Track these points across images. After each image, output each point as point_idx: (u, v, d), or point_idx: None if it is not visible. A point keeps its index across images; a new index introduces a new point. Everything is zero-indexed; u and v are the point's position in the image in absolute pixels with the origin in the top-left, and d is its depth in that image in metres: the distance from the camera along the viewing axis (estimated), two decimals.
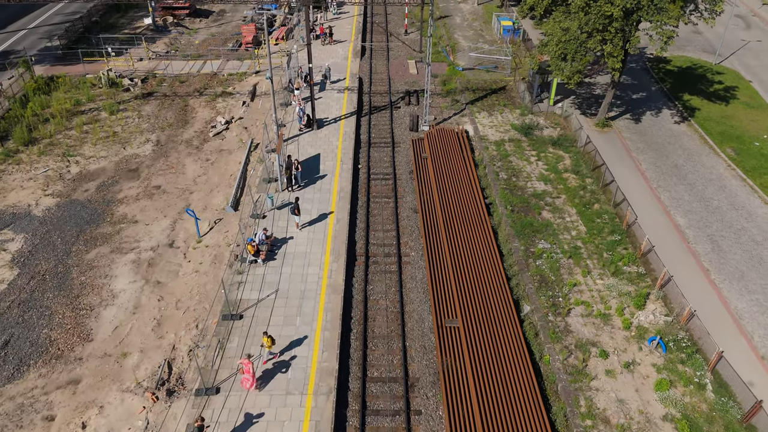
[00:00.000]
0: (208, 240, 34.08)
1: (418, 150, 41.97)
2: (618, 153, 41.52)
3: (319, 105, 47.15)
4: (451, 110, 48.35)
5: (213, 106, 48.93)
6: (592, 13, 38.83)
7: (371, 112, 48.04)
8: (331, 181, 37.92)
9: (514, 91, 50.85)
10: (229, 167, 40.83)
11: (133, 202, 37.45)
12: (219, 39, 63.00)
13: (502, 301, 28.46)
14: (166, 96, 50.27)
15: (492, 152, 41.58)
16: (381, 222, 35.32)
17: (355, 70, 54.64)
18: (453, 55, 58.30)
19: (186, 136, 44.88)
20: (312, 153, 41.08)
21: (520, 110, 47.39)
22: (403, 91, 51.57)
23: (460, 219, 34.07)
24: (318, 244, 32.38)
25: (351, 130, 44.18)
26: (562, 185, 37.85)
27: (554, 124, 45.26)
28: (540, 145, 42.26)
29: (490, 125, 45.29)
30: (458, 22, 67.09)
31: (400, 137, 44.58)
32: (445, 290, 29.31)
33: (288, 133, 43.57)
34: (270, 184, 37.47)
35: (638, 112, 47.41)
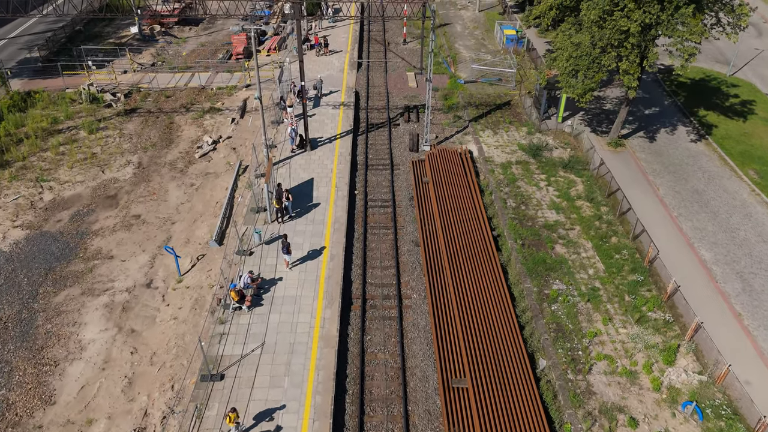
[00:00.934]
0: (190, 279, 30.67)
1: (418, 173, 38.61)
2: (633, 176, 38.20)
3: (313, 123, 43.76)
4: (453, 128, 44.99)
5: (200, 124, 45.49)
6: (607, 27, 35.46)
7: (368, 130, 44.67)
8: (325, 210, 34.53)
9: (520, 106, 47.50)
10: (215, 193, 37.40)
11: (110, 234, 34.01)
12: (209, 49, 59.57)
13: (516, 356, 25.12)
14: (151, 113, 46.80)
15: (498, 176, 38.22)
16: (379, 257, 31.95)
17: (352, 83, 51.25)
18: (454, 66, 54.93)
19: (170, 157, 41.44)
20: (305, 177, 37.67)
21: (527, 128, 44.04)
22: (402, 106, 48.20)
23: (466, 255, 30.74)
24: (310, 285, 29.00)
25: (347, 150, 40.80)
26: (575, 214, 34.51)
27: (564, 144, 41.92)
28: (550, 168, 38.90)
29: (496, 145, 41.92)
30: (459, 31, 63.73)
31: (400, 158, 41.21)
32: (452, 342, 25.97)
33: (279, 154, 40.16)
34: (258, 215, 34.06)
35: (652, 129, 44.11)
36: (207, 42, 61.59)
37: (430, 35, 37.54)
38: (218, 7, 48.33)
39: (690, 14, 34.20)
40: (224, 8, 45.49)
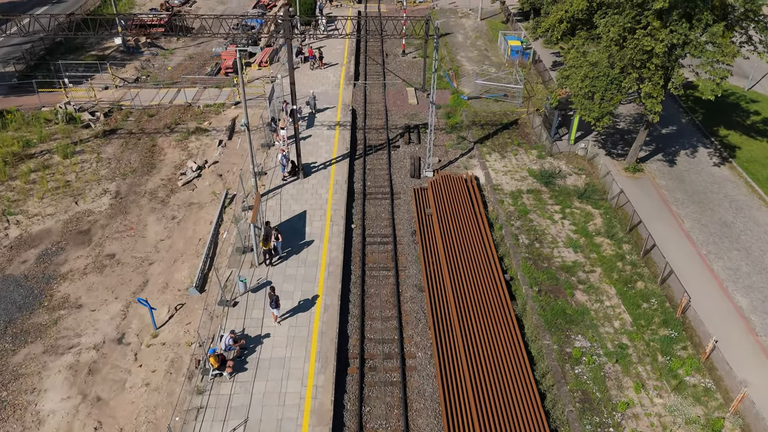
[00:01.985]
0: (166, 334, 26.97)
1: (421, 203, 34.97)
2: (655, 206, 34.61)
3: (306, 145, 40.08)
4: (457, 150, 41.35)
5: (185, 146, 41.76)
6: (628, 47, 31.81)
7: (366, 153, 41.00)
8: (318, 249, 30.85)
9: (528, 126, 43.86)
10: (198, 228, 33.68)
11: (80, 278, 30.28)
12: (197, 61, 55.83)
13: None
14: (132, 134, 43.05)
15: (508, 207, 34.59)
16: (379, 306, 28.30)
17: (348, 99, 47.57)
18: (456, 80, 51.26)
19: (151, 185, 37.70)
20: (297, 210, 33.98)
21: (537, 151, 40.41)
22: (402, 125, 44.55)
23: (476, 303, 27.16)
24: (301, 344, 25.33)
25: (343, 177, 37.12)
26: (595, 253, 30.89)
27: (578, 169, 38.29)
28: (564, 198, 35.28)
29: (504, 170, 38.27)
30: (460, 41, 60.05)
31: (400, 186, 37.55)
32: (463, 415, 22.34)
33: (269, 183, 36.44)
34: (244, 256, 30.36)
35: (671, 151, 40.53)
36: (196, 54, 57.87)
37: (434, 54, 33.86)
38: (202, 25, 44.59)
39: (720, 33, 30.59)
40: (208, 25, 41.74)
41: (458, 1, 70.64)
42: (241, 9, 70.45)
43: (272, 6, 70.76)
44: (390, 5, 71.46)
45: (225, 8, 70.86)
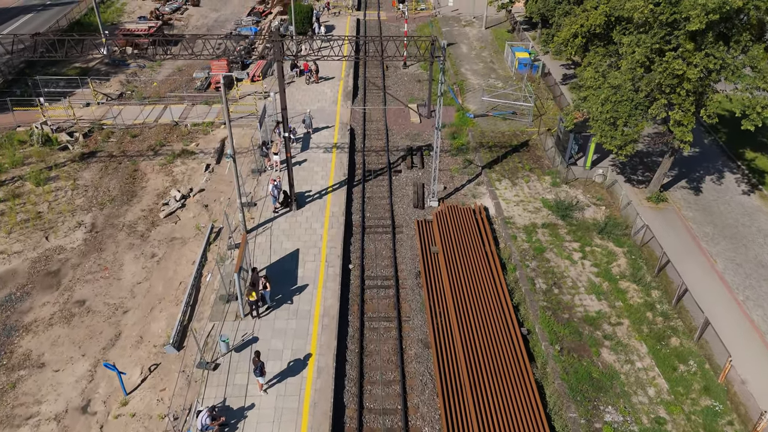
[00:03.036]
0: (137, 402, 23.43)
1: (425, 238, 31.45)
2: (683, 243, 31.09)
3: (300, 171, 36.59)
4: (463, 175, 37.80)
5: (169, 171, 38.17)
6: (657, 70, 28.26)
7: (365, 178, 37.46)
8: (312, 296, 27.31)
9: (540, 148, 40.31)
10: (180, 269, 30.12)
11: (44, 329, 26.75)
12: (187, 74, 52.22)
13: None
14: (112, 157, 39.48)
15: (522, 244, 31.05)
16: (380, 366, 24.79)
17: (346, 117, 44.02)
18: (461, 96, 47.68)
19: (130, 216, 34.13)
20: (288, 248, 30.43)
21: (551, 177, 36.86)
22: (404, 147, 41.01)
23: (490, 364, 23.79)
24: (290, 418, 21.82)
25: (340, 208, 33.57)
26: (621, 301, 27.37)
27: (596, 199, 34.75)
28: (583, 233, 31.76)
29: (516, 200, 34.72)
30: (465, 52, 56.44)
31: (403, 217, 34.00)
32: None
33: (259, 216, 32.88)
34: (228, 305, 26.80)
35: (695, 177, 37.02)
36: (185, 65, 54.23)
37: (440, 76, 30.30)
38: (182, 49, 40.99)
39: (760, 56, 27.05)
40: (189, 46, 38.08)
41: (461, 8, 67.07)
42: (235, 17, 66.96)
43: (267, 13, 67.18)
44: (390, 12, 67.92)
45: (218, 15, 67.34)
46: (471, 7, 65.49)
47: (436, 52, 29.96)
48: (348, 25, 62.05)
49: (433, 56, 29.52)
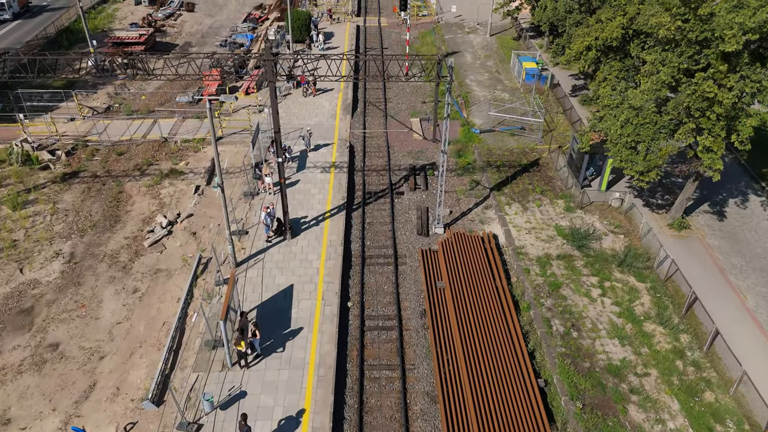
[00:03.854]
0: None
1: (431, 271, 28.79)
2: (710, 277, 28.41)
3: (296, 194, 33.93)
4: (470, 198, 35.10)
5: (156, 194, 35.47)
6: (684, 92, 25.53)
7: (365, 202, 34.78)
8: (306, 342, 24.62)
9: (551, 167, 37.60)
10: (164, 307, 27.44)
11: (12, 378, 24.10)
12: (179, 84, 49.42)
13: None
14: (96, 177, 36.78)
15: (536, 278, 28.35)
16: (382, 425, 22.21)
17: (345, 133, 41.31)
18: (466, 110, 44.95)
19: (112, 245, 31.44)
20: (282, 283, 27.73)
21: (564, 201, 34.15)
22: (406, 166, 38.30)
23: (505, 425, 21.03)
24: None
25: (338, 237, 30.88)
26: (647, 347, 24.70)
27: (614, 227, 32.05)
28: (602, 266, 29.08)
29: (527, 227, 32.01)
30: (469, 61, 53.69)
31: (406, 246, 31.30)
32: None
33: (251, 245, 30.16)
34: (215, 352, 24.10)
35: (718, 200, 34.34)
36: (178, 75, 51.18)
37: (446, 97, 27.57)
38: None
39: None
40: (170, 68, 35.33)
41: (465, 14, 64.32)
42: (230, 23, 64.23)
43: (264, 19, 64.45)
44: (391, 18, 65.17)
45: (213, 21, 64.62)
46: (475, 13, 62.75)
47: (441, 71, 27.21)
48: (347, 32, 59.34)
49: (440, 76, 26.74)
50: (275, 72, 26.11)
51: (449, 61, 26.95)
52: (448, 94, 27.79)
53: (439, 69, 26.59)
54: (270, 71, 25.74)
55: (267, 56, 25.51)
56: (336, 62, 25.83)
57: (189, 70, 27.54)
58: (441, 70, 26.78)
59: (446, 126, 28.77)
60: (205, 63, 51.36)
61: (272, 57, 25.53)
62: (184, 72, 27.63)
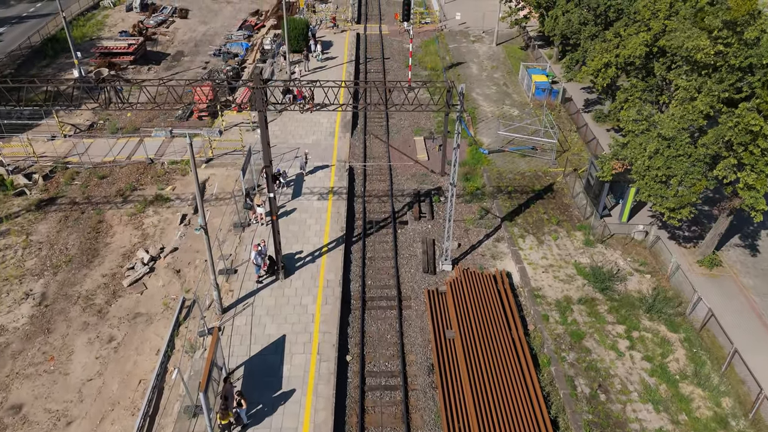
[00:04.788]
0: None
1: (439, 318, 25.73)
2: (748, 324, 25.38)
3: (291, 225, 30.86)
4: (480, 228, 31.98)
5: (139, 223, 32.34)
6: (726, 124, 22.38)
7: (366, 233, 31.71)
8: (299, 408, 21.51)
9: (567, 193, 34.47)
10: (141, 361, 24.32)
11: None
12: (169, 98, 45.98)
13: None
14: (75, 204, 33.64)
15: (556, 327, 25.25)
16: None
17: (344, 153, 38.17)
18: (473, 127, 41.78)
19: (89, 284, 28.34)
20: (273, 334, 24.61)
21: (583, 233, 31.02)
22: (410, 191, 35.18)
23: None
24: None
25: (336, 276, 27.77)
26: (685, 413, 21.61)
27: (639, 264, 28.94)
28: (628, 312, 26.01)
29: (543, 265, 28.88)
30: (475, 73, 50.51)
31: (410, 286, 28.19)
32: None
33: (239, 287, 27.04)
34: (195, 420, 20.93)
35: (749, 231, 31.33)
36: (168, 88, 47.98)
37: (456, 126, 24.41)
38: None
39: None
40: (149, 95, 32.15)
41: (469, 22, 61.10)
42: (225, 30, 61.02)
43: (260, 26, 61.23)
44: (393, 26, 61.96)
45: (207, 28, 61.43)
46: (480, 20, 59.55)
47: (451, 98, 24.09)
48: (347, 41, 56.13)
49: (449, 105, 23.59)
50: (266, 100, 22.93)
51: (460, 87, 23.75)
52: (458, 123, 24.62)
53: (449, 97, 23.40)
54: (260, 99, 22.56)
55: (256, 83, 22.34)
56: (333, 90, 22.55)
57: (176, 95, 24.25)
58: (451, 97, 23.54)
59: (455, 157, 25.61)
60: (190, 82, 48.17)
61: (262, 84, 22.33)
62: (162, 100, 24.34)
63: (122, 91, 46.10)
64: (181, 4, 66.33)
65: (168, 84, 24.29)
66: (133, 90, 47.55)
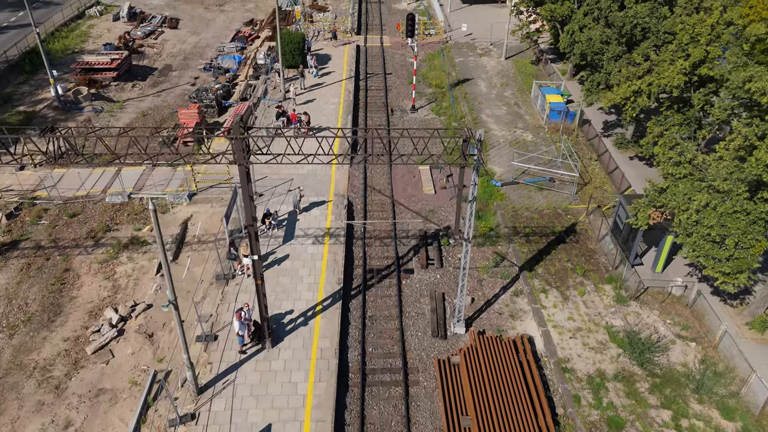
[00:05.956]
0: None
1: (452, 398, 21.72)
2: None
3: (280, 277, 26.79)
4: (495, 278, 27.88)
5: (110, 272, 28.24)
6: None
7: (366, 284, 27.57)
8: None
9: (591, 236, 30.38)
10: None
11: None
12: (152, 119, 42.15)
13: None
14: (40, 249, 29.51)
15: (589, 412, 21.10)
16: None
17: (342, 185, 34.08)
18: (484, 155, 37.53)
19: (47, 350, 24.24)
20: (257, 423, 20.60)
21: (612, 287, 26.94)
22: (416, 232, 31.13)
23: None
24: None
25: (332, 342, 23.67)
26: None
27: (681, 328, 24.82)
28: (674, 392, 21.92)
29: (570, 328, 24.74)
30: (484, 91, 46.31)
31: (418, 354, 24.15)
32: None
33: (219, 360, 22.89)
34: None
35: None
36: (153, 107, 44.15)
37: (472, 177, 20.25)
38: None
39: None
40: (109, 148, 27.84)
41: (476, 33, 56.86)
42: (217, 41, 56.84)
43: (255, 37, 56.97)
44: (394, 37, 57.74)
45: (198, 39, 57.19)
46: (488, 32, 55.31)
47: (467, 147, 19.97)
48: (346, 54, 51.90)
49: (465, 156, 19.42)
50: (248, 150, 18.73)
51: (478, 133, 19.57)
52: (474, 174, 20.45)
53: (465, 148, 19.24)
54: (240, 151, 18.35)
55: (236, 133, 18.13)
56: (328, 140, 18.52)
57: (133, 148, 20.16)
58: (468, 147, 19.41)
59: (471, 211, 21.44)
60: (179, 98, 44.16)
61: (242, 133, 18.15)
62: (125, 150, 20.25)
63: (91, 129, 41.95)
64: (171, 13, 62.14)
65: (131, 134, 20.01)
66: (114, 109, 43.52)
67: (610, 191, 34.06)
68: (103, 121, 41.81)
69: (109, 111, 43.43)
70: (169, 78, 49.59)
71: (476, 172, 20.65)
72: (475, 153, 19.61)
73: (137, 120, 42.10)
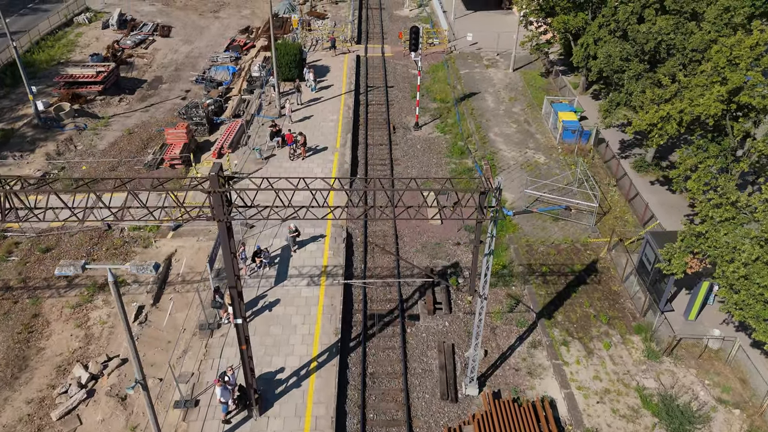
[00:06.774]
0: None
1: None
2: None
3: (271, 325, 23.87)
4: (510, 325, 24.90)
5: (84, 318, 25.29)
6: None
7: (367, 335, 24.52)
8: None
9: (614, 275, 27.32)
10: None
11: None
12: (138, 138, 39.13)
13: None
14: (8, 290, 26.56)
15: None
16: None
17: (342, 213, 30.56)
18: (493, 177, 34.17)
19: (7, 416, 21.33)
20: None
21: (641, 338, 23.94)
22: (420, 270, 27.88)
23: None
24: None
25: (328, 409, 20.67)
26: None
27: (721, 390, 21.81)
28: None
29: (597, 390, 21.70)
30: (491, 106, 43.22)
31: (425, 421, 21.41)
32: None
33: (200, 429, 19.75)
34: None
35: None
36: (141, 124, 41.11)
37: (489, 229, 17.18)
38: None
39: None
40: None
41: (482, 43, 53.75)
42: (210, 50, 53.73)
43: (250, 46, 53.84)
44: (396, 46, 54.61)
45: (191, 49, 54.06)
46: (494, 41, 52.17)
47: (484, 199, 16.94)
48: (346, 65, 48.78)
49: (483, 209, 16.33)
50: (230, 204, 15.64)
51: (497, 181, 16.52)
52: (492, 226, 17.39)
53: (481, 200, 16.18)
54: (219, 207, 15.25)
55: (213, 185, 15.03)
56: (323, 193, 15.50)
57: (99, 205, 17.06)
58: (484, 199, 16.38)
59: (488, 265, 18.34)
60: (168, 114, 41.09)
61: (222, 184, 15.06)
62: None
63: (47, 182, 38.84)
64: (163, 20, 58.99)
65: (91, 188, 16.91)
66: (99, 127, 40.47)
67: (631, 221, 31.04)
68: (85, 140, 38.74)
69: (93, 129, 40.36)
70: (158, 91, 46.52)
71: (494, 223, 17.54)
72: (493, 206, 16.48)
73: (122, 139, 39.04)
